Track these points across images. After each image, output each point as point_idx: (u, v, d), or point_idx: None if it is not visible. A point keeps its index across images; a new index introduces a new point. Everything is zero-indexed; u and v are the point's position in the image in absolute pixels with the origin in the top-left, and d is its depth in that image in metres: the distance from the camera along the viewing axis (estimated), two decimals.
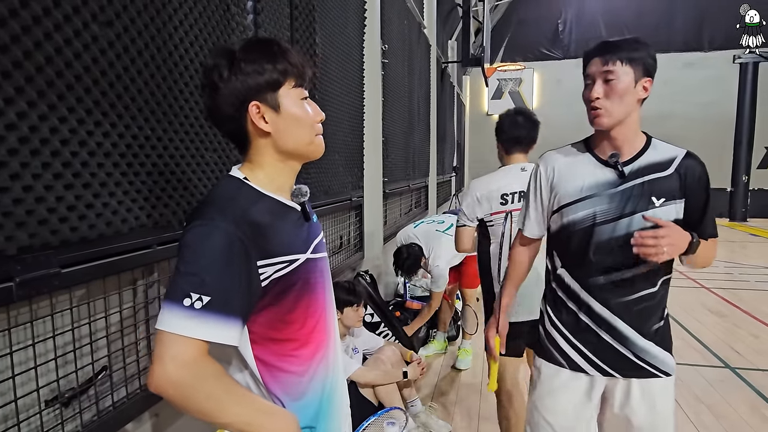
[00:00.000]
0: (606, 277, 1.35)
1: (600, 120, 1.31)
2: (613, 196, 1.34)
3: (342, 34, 2.84)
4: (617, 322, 1.37)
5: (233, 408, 0.79)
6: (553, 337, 1.47)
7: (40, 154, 0.98)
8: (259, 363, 0.90)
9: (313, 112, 0.93)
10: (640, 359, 1.37)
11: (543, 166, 1.49)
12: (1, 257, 0.91)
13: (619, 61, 1.27)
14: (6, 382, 0.99)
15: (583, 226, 1.36)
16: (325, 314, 1.00)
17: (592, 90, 1.30)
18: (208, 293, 0.77)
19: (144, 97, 1.26)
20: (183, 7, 1.39)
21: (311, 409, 0.96)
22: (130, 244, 1.23)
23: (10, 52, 0.91)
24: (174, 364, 0.75)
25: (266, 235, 0.85)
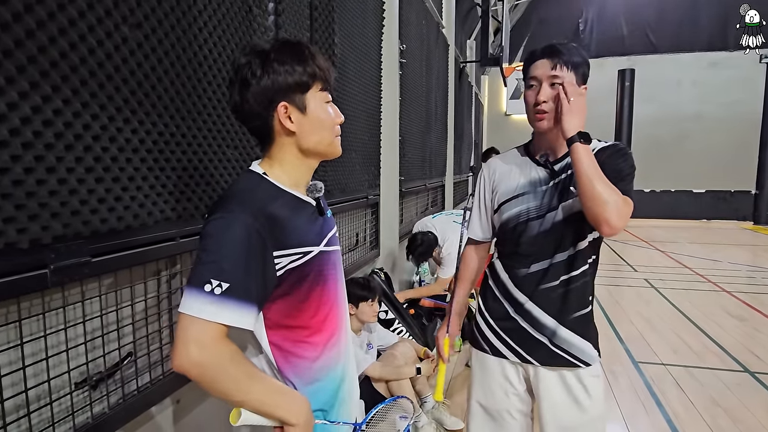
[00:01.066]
0: (529, 268, 1.42)
1: (543, 123, 1.35)
2: (543, 192, 1.40)
3: (360, 35, 2.88)
4: (534, 309, 1.41)
5: (250, 387, 0.85)
6: (480, 325, 1.53)
7: (73, 149, 1.04)
8: (273, 348, 0.96)
9: (335, 114, 0.99)
10: (557, 347, 1.40)
11: (486, 170, 1.56)
12: (37, 246, 0.97)
13: (565, 66, 1.31)
14: (40, 363, 1.05)
15: (518, 221, 1.43)
16: (337, 304, 1.05)
17: (539, 93, 1.33)
18: (227, 280, 0.82)
19: (170, 96, 1.31)
20: (207, 9, 1.45)
21: (323, 394, 1.01)
22: (156, 236, 1.29)
23: (47, 53, 0.97)
24: (196, 345, 0.80)
25: (282, 228, 0.90)
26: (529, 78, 1.37)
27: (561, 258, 1.39)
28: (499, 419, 1.51)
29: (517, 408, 1.50)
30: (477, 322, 1.55)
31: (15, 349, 1.00)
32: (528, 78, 1.37)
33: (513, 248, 1.44)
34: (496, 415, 1.51)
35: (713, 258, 7.60)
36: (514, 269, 1.45)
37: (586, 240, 1.39)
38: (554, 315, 1.40)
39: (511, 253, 1.46)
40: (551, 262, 1.39)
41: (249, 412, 0.88)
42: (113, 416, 1.20)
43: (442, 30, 6.01)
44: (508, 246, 1.47)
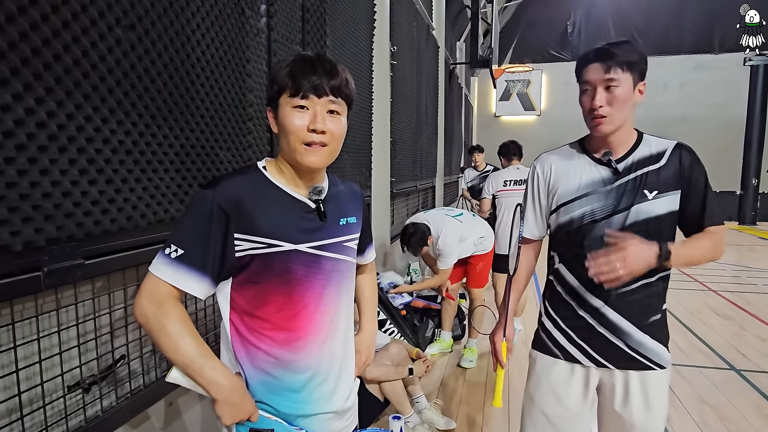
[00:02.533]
0: None
1: (602, 128, 1.32)
2: (608, 193, 1.37)
3: (352, 37, 2.89)
4: (611, 314, 1.39)
5: (181, 348, 0.90)
6: (549, 329, 1.50)
7: (67, 151, 1.04)
8: (232, 327, 1.01)
9: (300, 121, 0.96)
10: (634, 351, 1.39)
11: (540, 167, 1.51)
12: (31, 248, 0.97)
13: (619, 67, 1.28)
14: (33, 366, 1.05)
15: (581, 223, 1.39)
16: (318, 309, 1.03)
17: (594, 98, 1.30)
18: (183, 247, 0.91)
19: (163, 98, 1.31)
20: (200, 11, 1.45)
21: (275, 390, 1.01)
22: (149, 238, 1.29)
23: (40, 55, 0.96)
24: (146, 297, 0.90)
25: (251, 215, 0.95)
26: (583, 82, 1.33)
27: None
28: (561, 428, 1.48)
29: (583, 410, 1.48)
30: (545, 327, 1.50)
31: (8, 352, 1.00)
32: (581, 82, 1.33)
33: (577, 250, 1.39)
34: (558, 422, 1.48)
35: None
36: (581, 272, 1.38)
37: None
38: (631, 319, 1.38)
39: (577, 256, 1.39)
40: None
41: (179, 372, 0.93)
42: (106, 419, 1.20)
43: (432, 32, 6.03)
44: (570, 248, 1.42)
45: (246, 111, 1.72)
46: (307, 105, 0.96)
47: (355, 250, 1.13)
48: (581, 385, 1.47)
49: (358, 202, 1.18)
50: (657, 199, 1.34)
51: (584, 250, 1.37)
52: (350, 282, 1.13)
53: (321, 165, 1.01)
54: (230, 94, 1.61)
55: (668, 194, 1.34)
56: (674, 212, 1.35)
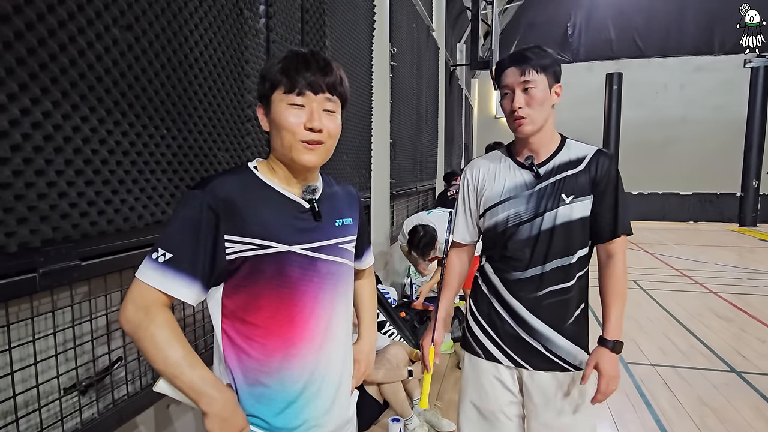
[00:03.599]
0: (520, 273, 1.41)
1: (524, 128, 1.36)
2: (530, 196, 1.40)
3: (351, 38, 2.88)
4: (528, 316, 1.42)
5: (167, 356, 0.85)
6: (473, 328, 1.53)
7: (63, 152, 1.03)
8: (224, 335, 0.96)
9: (296, 119, 0.93)
10: (550, 352, 1.42)
11: (470, 172, 1.55)
12: (26, 249, 0.96)
13: (534, 69, 1.33)
14: (28, 369, 1.04)
15: (505, 226, 1.43)
16: (314, 314, 0.99)
17: (513, 100, 1.35)
18: (171, 250, 0.87)
19: (160, 98, 1.31)
20: (198, 11, 1.44)
21: (266, 402, 0.96)
22: (146, 239, 1.28)
23: (37, 55, 0.96)
24: (132, 304, 0.86)
25: (242, 216, 0.91)
26: (502, 87, 1.38)
27: (553, 266, 1.39)
28: (493, 420, 1.51)
29: (511, 409, 1.51)
30: (469, 326, 1.55)
31: (3, 354, 0.99)
32: (501, 87, 1.39)
33: (501, 252, 1.44)
34: (489, 415, 1.51)
35: (700, 259, 7.69)
36: (504, 273, 1.45)
37: (575, 255, 1.40)
38: (548, 322, 1.41)
39: (501, 258, 1.45)
40: (543, 270, 1.39)
41: (166, 382, 0.89)
42: (103, 422, 1.19)
43: (433, 33, 6.03)
44: (496, 250, 1.47)
45: (245, 112, 1.71)
46: (303, 102, 0.93)
47: (352, 253, 1.10)
48: (506, 383, 1.50)
49: (355, 204, 1.14)
50: (574, 203, 1.38)
51: (507, 251, 1.43)
52: (347, 286, 1.09)
53: (317, 163, 0.98)
54: (228, 95, 1.61)
55: (584, 199, 1.38)
56: (586, 218, 1.39)
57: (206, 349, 1.62)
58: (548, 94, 1.35)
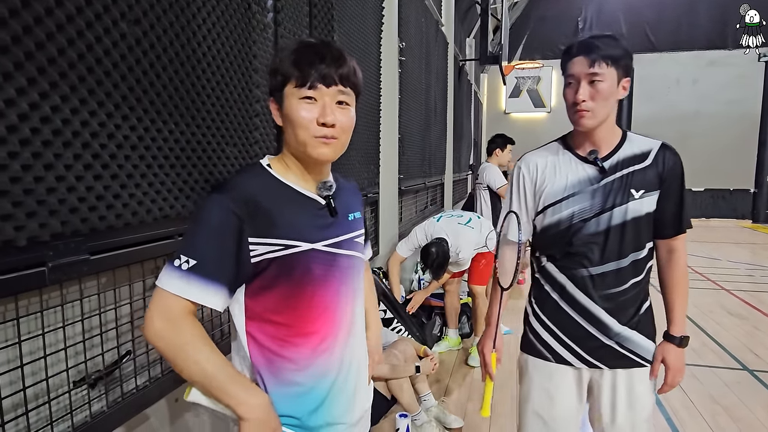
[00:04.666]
0: (593, 270, 1.37)
1: (585, 121, 1.32)
2: (595, 191, 1.36)
3: (360, 32, 2.87)
4: (601, 313, 1.38)
5: (204, 367, 0.84)
6: (538, 331, 1.48)
7: (71, 146, 1.03)
8: (249, 338, 0.95)
9: (309, 114, 0.92)
10: (624, 348, 1.39)
11: (525, 167, 1.47)
12: (35, 243, 0.96)
13: (603, 62, 1.27)
14: (38, 362, 1.05)
15: (570, 223, 1.38)
16: (337, 308, 1.00)
17: (578, 92, 1.29)
18: (195, 257, 0.85)
19: (168, 93, 1.30)
20: (206, 5, 1.44)
21: (300, 401, 0.97)
22: (154, 234, 1.28)
23: (45, 49, 0.96)
24: (159, 316, 0.84)
25: (266, 217, 0.90)
26: (567, 76, 1.32)
27: (628, 260, 1.36)
28: (556, 428, 1.46)
29: (576, 413, 1.47)
30: (532, 328, 1.49)
31: (13, 347, 1.00)
32: (566, 75, 1.33)
33: (566, 249, 1.39)
34: (553, 423, 1.46)
35: (713, 256, 7.60)
36: (572, 271, 1.39)
37: (645, 248, 1.37)
38: (620, 318, 1.38)
39: (565, 255, 1.40)
40: (618, 265, 1.35)
41: (199, 392, 0.88)
42: (112, 415, 1.20)
43: (442, 28, 6.00)
44: (558, 248, 1.41)
45: (252, 107, 1.71)
46: (315, 96, 0.92)
47: (363, 246, 1.11)
48: (573, 386, 1.46)
49: (360, 198, 1.16)
50: (644, 197, 1.35)
51: (572, 248, 1.39)
52: (361, 279, 1.10)
53: (332, 157, 0.97)
54: (236, 89, 1.61)
55: (651, 194, 1.36)
56: (651, 213, 1.37)
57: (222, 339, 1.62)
58: (615, 89, 1.30)
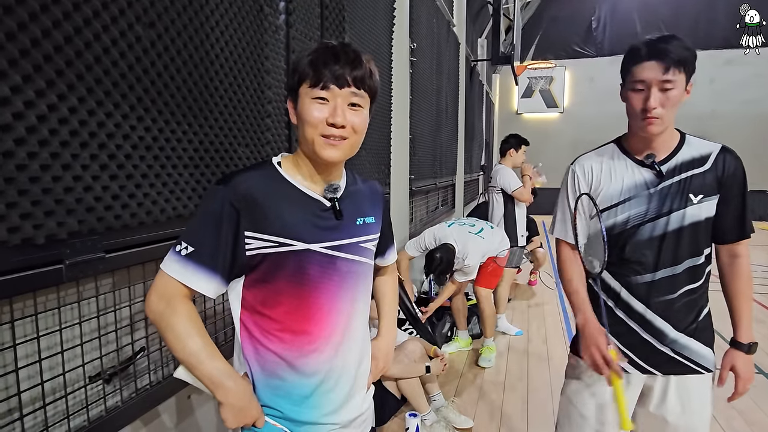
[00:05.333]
0: (648, 276, 1.35)
1: (654, 128, 1.27)
2: (651, 196, 1.33)
3: (371, 33, 2.89)
4: (657, 320, 1.36)
5: (186, 346, 0.89)
6: None
7: (88, 147, 1.06)
8: (243, 328, 0.99)
9: (320, 114, 0.93)
10: (679, 354, 1.36)
11: (580, 169, 1.45)
12: (53, 241, 0.99)
13: (676, 68, 1.23)
14: (55, 357, 1.08)
15: (624, 227, 1.36)
16: (333, 311, 1.00)
17: (649, 99, 1.24)
18: (192, 244, 0.90)
19: (182, 95, 1.33)
20: (219, 8, 1.46)
21: (282, 394, 0.98)
22: (168, 233, 1.31)
23: (63, 52, 0.99)
24: (156, 294, 0.90)
25: (263, 213, 0.93)
26: (635, 81, 1.27)
27: (684, 266, 1.33)
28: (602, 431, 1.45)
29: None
30: None
31: (31, 342, 1.03)
32: (633, 81, 1.27)
33: (619, 255, 1.37)
34: (600, 427, 1.45)
35: None
36: (627, 278, 1.37)
37: (703, 254, 1.34)
38: (676, 325, 1.35)
39: (619, 261, 1.38)
40: (674, 271, 1.33)
41: (185, 370, 0.92)
42: (126, 410, 1.23)
43: (453, 28, 5.99)
44: (612, 253, 1.38)
45: (264, 108, 1.73)
46: (327, 96, 0.93)
47: (372, 252, 1.09)
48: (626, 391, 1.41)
49: (378, 202, 1.13)
50: (702, 203, 1.31)
51: (625, 254, 1.36)
52: (367, 285, 1.09)
53: (339, 159, 0.97)
54: (248, 90, 1.63)
55: (710, 199, 1.32)
56: (711, 218, 1.33)
57: (226, 341, 1.65)
58: (683, 94, 1.26)
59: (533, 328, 4.27)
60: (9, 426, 0.98)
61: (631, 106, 1.30)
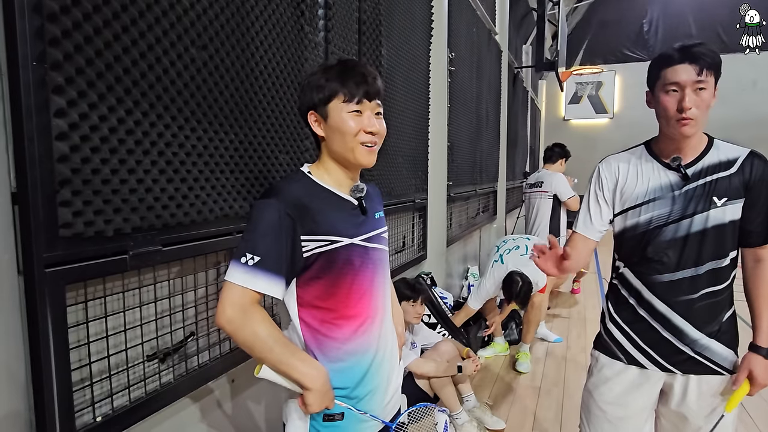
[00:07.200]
0: (669, 276, 1.38)
1: (689, 130, 1.30)
2: (676, 198, 1.36)
3: (408, 45, 3.00)
4: (677, 320, 1.38)
5: (271, 347, 0.99)
6: (612, 332, 1.50)
7: (149, 154, 1.23)
8: (302, 323, 1.11)
9: (357, 124, 1.08)
10: (700, 355, 1.38)
11: (607, 169, 1.50)
12: (119, 234, 1.16)
13: (707, 70, 1.27)
14: (119, 335, 1.24)
15: (647, 228, 1.39)
16: (372, 294, 1.16)
17: (684, 100, 1.28)
18: (258, 254, 0.99)
19: (230, 108, 1.49)
20: (263, 29, 1.62)
21: (346, 374, 1.12)
22: (216, 230, 1.46)
23: (130, 74, 1.16)
24: (230, 306, 0.98)
25: (312, 217, 1.05)
26: (669, 84, 1.31)
27: (706, 268, 1.35)
28: (619, 426, 1.49)
29: (642, 412, 1.49)
30: (608, 330, 1.52)
31: (100, 321, 1.19)
32: (667, 83, 1.32)
33: (642, 254, 1.41)
34: (617, 422, 1.49)
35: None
36: (648, 277, 1.41)
37: (728, 257, 1.36)
38: (697, 325, 1.38)
39: (642, 260, 1.42)
40: (696, 272, 1.35)
41: (269, 369, 1.02)
42: (177, 386, 1.38)
43: (495, 36, 6.03)
44: (635, 252, 1.43)
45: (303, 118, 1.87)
46: (360, 109, 1.09)
47: (387, 240, 1.27)
48: (641, 388, 1.47)
49: (380, 200, 1.32)
50: (726, 206, 1.33)
51: (648, 253, 1.39)
52: (388, 269, 1.27)
53: (374, 163, 1.13)
54: (289, 104, 1.78)
55: (735, 202, 1.33)
56: (736, 221, 1.35)
57: None
58: (713, 97, 1.32)
59: (573, 336, 4.23)
60: (81, 392, 1.14)
61: (664, 108, 1.34)
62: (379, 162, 2.67)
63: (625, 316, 1.47)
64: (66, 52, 1.00)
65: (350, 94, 1.07)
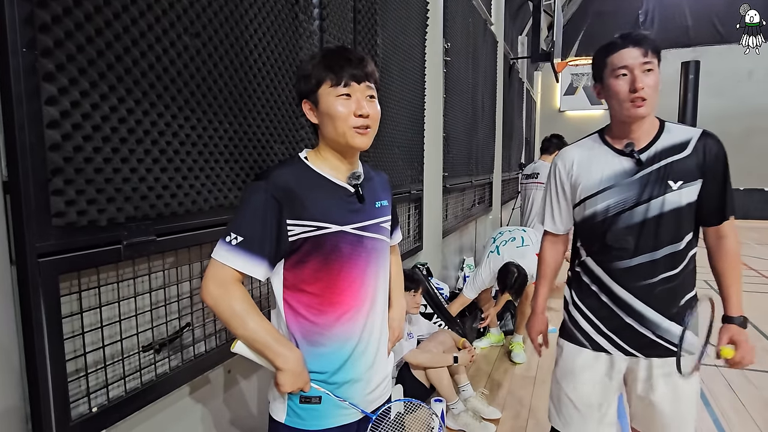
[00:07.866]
0: (627, 262, 1.40)
1: (643, 110, 1.32)
2: (631, 184, 1.38)
3: (403, 35, 2.98)
4: (638, 305, 1.41)
5: (246, 324, 1.02)
6: (576, 320, 1.53)
7: (143, 143, 1.21)
8: (285, 304, 1.12)
9: (346, 108, 1.08)
10: (660, 338, 1.41)
11: (561, 162, 1.53)
12: (113, 224, 1.14)
13: (651, 52, 1.31)
14: (114, 326, 1.24)
15: (605, 216, 1.41)
16: (362, 284, 1.15)
17: (635, 81, 1.31)
18: (242, 234, 1.02)
19: (224, 96, 1.47)
20: (257, 17, 1.60)
21: (324, 359, 1.12)
22: (211, 221, 1.45)
23: (123, 61, 1.14)
24: (212, 281, 1.02)
25: (300, 201, 1.06)
26: (618, 68, 1.34)
27: (663, 253, 1.37)
28: (587, 413, 1.51)
29: (609, 398, 1.51)
30: (572, 317, 1.54)
31: (95, 312, 1.19)
32: (615, 68, 1.34)
33: (601, 242, 1.43)
34: (585, 409, 1.51)
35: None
36: (608, 264, 1.43)
37: (684, 240, 1.37)
38: (658, 309, 1.40)
39: (602, 248, 1.44)
40: (653, 257, 1.37)
41: (244, 345, 1.05)
42: (173, 377, 1.38)
43: (491, 27, 6.00)
44: (595, 241, 1.45)
45: (299, 108, 1.86)
46: (349, 92, 1.08)
47: (389, 231, 1.25)
48: (606, 374, 1.50)
49: (388, 188, 1.30)
50: (682, 189, 1.35)
51: (607, 241, 1.42)
52: (386, 260, 1.25)
53: (368, 145, 1.12)
54: (284, 93, 1.76)
55: (691, 184, 1.35)
56: (693, 203, 1.36)
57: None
58: (659, 81, 1.34)
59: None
60: (76, 382, 1.14)
61: (616, 92, 1.35)
62: (375, 152, 2.66)
63: (588, 304, 1.49)
64: (56, 38, 0.98)
65: (336, 77, 1.07)
